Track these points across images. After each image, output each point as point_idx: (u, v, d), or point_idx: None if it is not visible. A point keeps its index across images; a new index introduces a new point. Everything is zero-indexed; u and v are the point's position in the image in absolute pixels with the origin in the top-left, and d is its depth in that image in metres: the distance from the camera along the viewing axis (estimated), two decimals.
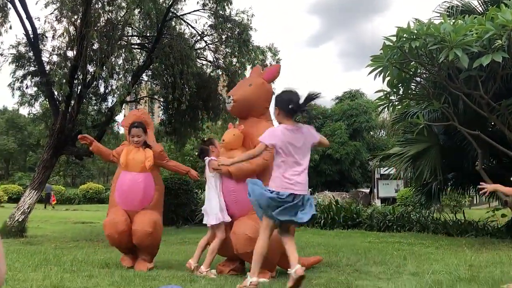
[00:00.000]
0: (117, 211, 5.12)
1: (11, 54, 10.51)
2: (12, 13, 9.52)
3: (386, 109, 9.33)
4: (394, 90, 8.72)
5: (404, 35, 7.30)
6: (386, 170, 18.08)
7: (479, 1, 9.64)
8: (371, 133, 37.54)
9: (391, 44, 7.47)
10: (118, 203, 5.19)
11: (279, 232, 3.93)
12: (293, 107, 3.82)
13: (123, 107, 11.56)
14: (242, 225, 4.46)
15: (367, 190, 27.59)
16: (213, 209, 4.63)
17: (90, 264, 5.37)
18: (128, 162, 5.13)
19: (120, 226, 4.96)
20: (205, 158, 4.88)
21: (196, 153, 5.21)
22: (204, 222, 4.85)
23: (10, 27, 9.75)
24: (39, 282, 3.73)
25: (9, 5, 9.44)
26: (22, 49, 10.45)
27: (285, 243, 3.87)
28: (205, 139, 5.39)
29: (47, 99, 10.33)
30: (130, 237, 5.01)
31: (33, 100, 10.60)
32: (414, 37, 7.20)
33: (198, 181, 19.37)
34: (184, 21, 11.34)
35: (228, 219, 4.62)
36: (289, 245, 3.84)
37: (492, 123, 9.23)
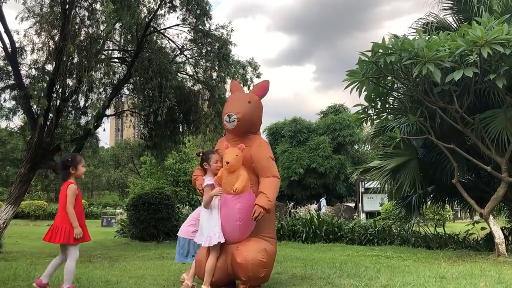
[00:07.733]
0: None
1: None
2: None
3: (365, 123, 9.42)
4: (372, 104, 8.83)
5: (380, 50, 7.41)
6: (371, 184, 18.19)
7: (454, 18, 9.87)
8: (356, 147, 37.76)
9: (367, 59, 7.58)
10: None
11: None
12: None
13: (104, 120, 11.50)
14: (252, 251, 4.35)
15: (353, 204, 27.69)
16: (213, 229, 4.48)
17: (61, 280, 5.28)
18: None
19: None
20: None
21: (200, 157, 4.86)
22: (199, 242, 4.64)
23: None
24: None
25: None
26: (0, 62, 10.37)
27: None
28: (201, 152, 4.95)
29: (25, 113, 10.24)
30: None
31: (11, 113, 10.50)
32: (389, 52, 7.33)
33: (179, 195, 19.29)
34: (165, 36, 11.39)
35: (223, 239, 4.47)
36: None
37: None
